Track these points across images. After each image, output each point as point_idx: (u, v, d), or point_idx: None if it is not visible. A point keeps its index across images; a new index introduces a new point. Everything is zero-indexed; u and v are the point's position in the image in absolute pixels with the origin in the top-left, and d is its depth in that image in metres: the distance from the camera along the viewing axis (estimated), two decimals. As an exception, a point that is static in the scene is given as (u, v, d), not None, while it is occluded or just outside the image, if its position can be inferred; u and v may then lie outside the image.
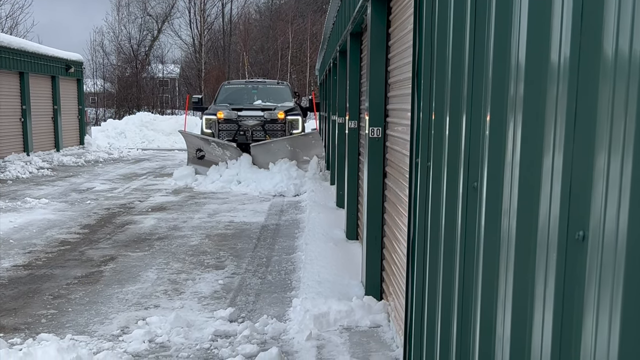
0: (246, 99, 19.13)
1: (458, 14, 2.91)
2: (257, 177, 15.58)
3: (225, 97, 19.23)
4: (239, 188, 15.25)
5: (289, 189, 14.69)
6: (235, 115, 17.22)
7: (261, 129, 17.35)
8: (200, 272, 7.92)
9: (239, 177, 15.85)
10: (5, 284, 7.38)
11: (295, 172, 15.53)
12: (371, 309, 6.03)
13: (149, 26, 57.66)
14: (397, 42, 5.89)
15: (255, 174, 15.74)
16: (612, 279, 1.46)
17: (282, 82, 21.26)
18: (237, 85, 20.60)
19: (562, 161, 1.77)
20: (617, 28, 1.46)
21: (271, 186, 14.92)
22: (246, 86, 20.34)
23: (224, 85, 20.57)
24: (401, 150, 5.54)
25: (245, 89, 20.02)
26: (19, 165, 19.46)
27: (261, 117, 17.31)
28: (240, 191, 15.03)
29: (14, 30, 44.13)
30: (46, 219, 11.44)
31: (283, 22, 53.76)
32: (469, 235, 2.71)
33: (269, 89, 20.00)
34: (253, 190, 14.90)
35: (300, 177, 15.48)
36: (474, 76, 2.64)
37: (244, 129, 17.25)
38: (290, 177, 15.27)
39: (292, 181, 15.06)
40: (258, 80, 21.62)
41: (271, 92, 19.70)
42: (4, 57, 21.75)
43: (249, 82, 21.15)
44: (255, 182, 15.36)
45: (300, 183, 15.09)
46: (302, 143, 16.34)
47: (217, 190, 15.18)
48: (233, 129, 17.28)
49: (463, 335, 2.81)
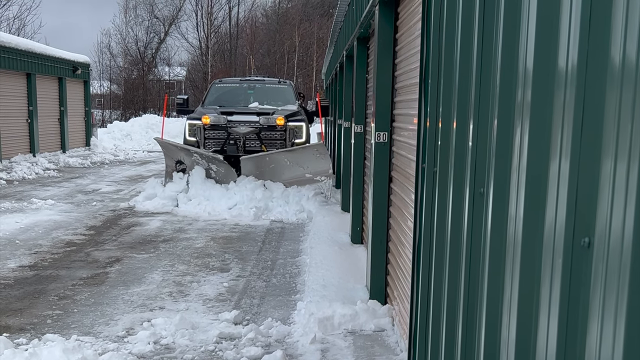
0: (240, 100, 16.08)
1: (466, 20, 2.93)
2: (210, 195, 12.93)
3: (216, 98, 16.16)
4: (186, 207, 12.66)
5: (248, 213, 11.97)
6: (224, 121, 14.23)
7: (256, 137, 14.27)
8: (205, 275, 7.94)
9: (190, 194, 13.17)
10: (12, 284, 7.41)
11: (261, 194, 12.68)
12: (375, 313, 6.03)
13: (156, 29, 57.87)
14: (405, 47, 5.90)
15: (209, 190, 13.09)
16: (617, 285, 1.47)
17: (285, 81, 17.62)
18: (230, 85, 17.30)
19: (569, 167, 1.77)
20: (625, 34, 1.47)
21: (226, 207, 12.35)
22: (241, 85, 17.11)
23: (215, 83, 17.31)
24: (407, 155, 5.55)
25: (239, 89, 16.86)
26: (25, 166, 19.53)
27: (256, 123, 14.24)
28: (187, 212, 12.45)
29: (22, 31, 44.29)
30: (52, 220, 11.47)
31: (290, 25, 53.83)
32: (474, 240, 2.72)
33: (268, 89, 16.80)
34: (202, 211, 12.32)
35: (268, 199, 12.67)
36: (482, 82, 2.65)
37: (234, 138, 14.24)
38: (253, 198, 12.52)
39: (255, 203, 12.35)
40: (255, 79, 18.04)
41: (271, 92, 16.58)
42: (11, 58, 21.83)
43: (245, 80, 17.74)
44: (209, 201, 12.71)
45: (265, 207, 12.36)
46: (303, 157, 13.32)
47: (155, 210, 12.73)
48: (221, 137, 14.30)
49: (468, 340, 2.82)
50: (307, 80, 53.19)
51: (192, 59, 60.41)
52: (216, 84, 17.13)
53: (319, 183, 13.38)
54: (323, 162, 13.24)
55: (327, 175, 13.42)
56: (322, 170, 13.31)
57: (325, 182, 13.40)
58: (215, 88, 16.81)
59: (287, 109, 15.09)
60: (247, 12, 59.60)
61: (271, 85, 17.04)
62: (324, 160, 13.25)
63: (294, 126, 14.49)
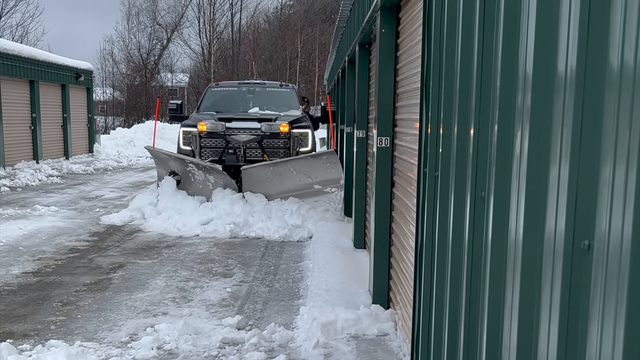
0: (239, 105, 14.93)
1: (466, 26, 2.94)
2: (182, 208, 11.75)
3: (212, 103, 14.95)
4: (154, 222, 11.58)
5: (224, 229, 10.93)
6: (223, 128, 13.10)
7: (257, 145, 13.15)
8: (208, 280, 7.95)
9: (159, 206, 12.08)
10: (15, 290, 7.43)
11: (241, 209, 11.53)
12: (378, 318, 6.04)
13: (159, 35, 57.95)
14: (406, 52, 5.92)
15: (180, 203, 11.92)
16: (617, 288, 1.48)
17: (287, 85, 16.32)
18: (228, 88, 15.96)
19: (568, 171, 1.79)
20: (623, 39, 1.48)
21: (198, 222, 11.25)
22: (239, 89, 15.72)
23: (211, 87, 15.97)
24: (409, 160, 5.56)
25: (237, 93, 15.54)
26: (29, 172, 19.58)
27: (257, 130, 13.14)
28: (154, 227, 11.38)
29: (25, 38, 44.43)
30: (55, 227, 11.50)
31: (292, 31, 53.91)
32: (476, 244, 2.73)
33: (269, 92, 15.53)
34: (171, 226, 11.20)
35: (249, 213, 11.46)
36: (482, 87, 2.67)
37: (233, 146, 13.11)
38: (231, 212, 11.42)
39: (233, 218, 11.24)
40: (255, 82, 16.40)
41: (272, 97, 15.37)
42: (14, 65, 21.91)
43: (243, 83, 16.17)
44: (180, 215, 11.55)
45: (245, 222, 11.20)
46: (312, 166, 12.07)
47: (122, 223, 11.89)
48: (219, 146, 13.15)
49: (470, 344, 2.83)
50: (309, 86, 53.25)
51: (195, 65, 60.52)
52: (212, 88, 15.82)
53: (329, 195, 12.08)
54: (334, 171, 11.95)
55: (338, 187, 12.04)
56: (333, 180, 12.00)
57: (335, 194, 12.06)
58: (211, 92, 15.52)
59: (290, 115, 14.02)
60: (249, 18, 59.71)
61: (272, 89, 15.78)
62: (335, 169, 11.95)
63: (298, 133, 13.34)
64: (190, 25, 66.21)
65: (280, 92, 15.63)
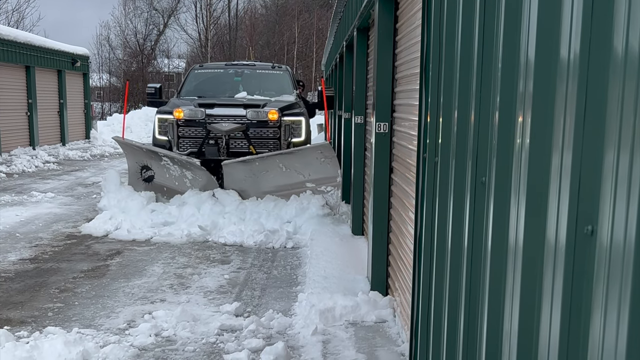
0: (225, 90, 12.94)
1: (467, 9, 2.91)
2: (127, 207, 10.22)
3: (195, 86, 13.15)
4: (95, 223, 9.92)
5: (180, 234, 9.35)
6: (202, 115, 11.17)
7: (242, 135, 11.19)
8: (206, 267, 7.94)
9: (101, 204, 10.73)
10: (12, 277, 7.42)
11: (209, 208, 10.02)
12: (377, 304, 6.04)
13: (155, 20, 57.66)
14: (405, 37, 5.89)
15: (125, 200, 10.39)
16: (621, 273, 1.47)
17: (280, 66, 14.22)
18: (213, 70, 14.14)
19: (572, 157, 1.77)
20: (628, 24, 1.46)
21: (149, 224, 9.77)
22: (226, 71, 13.83)
23: (194, 69, 14.03)
24: (408, 146, 5.54)
25: (224, 75, 13.68)
26: (25, 159, 19.52)
27: (242, 118, 11.18)
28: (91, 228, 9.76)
29: (20, 24, 44.16)
30: (52, 213, 11.48)
31: (289, 17, 53.69)
32: (476, 230, 2.72)
33: (259, 75, 13.76)
34: (111, 228, 9.68)
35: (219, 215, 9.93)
36: (483, 71, 2.64)
37: (215, 137, 11.18)
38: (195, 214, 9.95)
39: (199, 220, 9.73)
40: (244, 63, 14.67)
41: (263, 79, 13.56)
42: (10, 50, 21.78)
43: (231, 65, 14.31)
44: (124, 214, 10.04)
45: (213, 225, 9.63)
46: (304, 160, 10.46)
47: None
48: (199, 136, 11.25)
49: (470, 330, 2.82)
50: (307, 72, 53.09)
51: (192, 50, 60.29)
52: (195, 70, 13.90)
53: (324, 194, 10.52)
54: (329, 168, 10.40)
55: (334, 185, 10.60)
56: (328, 177, 10.49)
57: (331, 194, 10.59)
58: (194, 75, 13.64)
59: (282, 100, 12.17)
60: (246, 3, 59.54)
61: (263, 71, 13.92)
62: (331, 165, 10.40)
63: (290, 121, 11.41)
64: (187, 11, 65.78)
65: (272, 75, 13.78)
